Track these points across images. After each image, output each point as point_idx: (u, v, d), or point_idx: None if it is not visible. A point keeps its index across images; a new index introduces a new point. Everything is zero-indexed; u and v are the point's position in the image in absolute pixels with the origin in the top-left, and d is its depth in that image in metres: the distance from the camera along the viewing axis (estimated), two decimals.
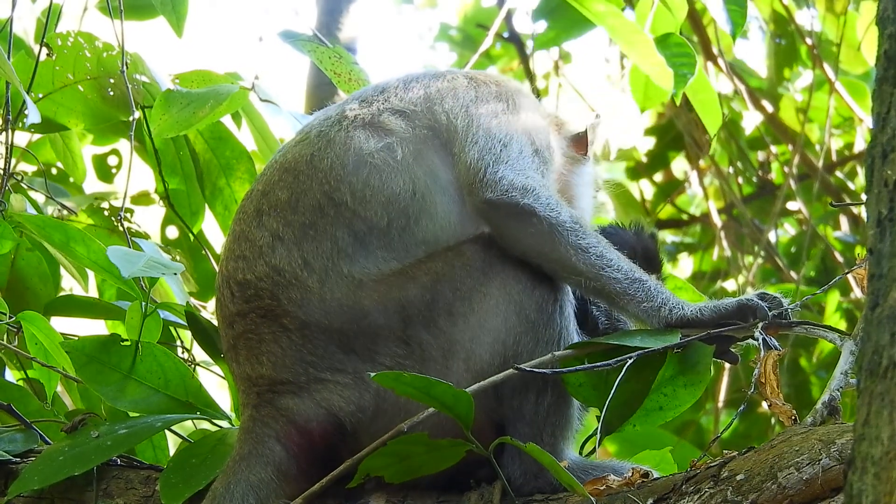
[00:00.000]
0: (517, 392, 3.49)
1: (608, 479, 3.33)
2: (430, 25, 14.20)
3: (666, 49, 5.31)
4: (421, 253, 3.56)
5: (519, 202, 3.53)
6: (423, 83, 3.81)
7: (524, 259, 3.54)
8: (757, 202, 9.76)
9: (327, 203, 3.56)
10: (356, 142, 3.63)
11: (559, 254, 3.51)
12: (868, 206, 2.30)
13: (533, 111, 3.95)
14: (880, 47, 2.35)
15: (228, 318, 3.61)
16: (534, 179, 3.60)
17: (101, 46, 4.88)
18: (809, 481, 3.06)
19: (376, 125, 3.67)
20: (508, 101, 3.85)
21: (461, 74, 3.92)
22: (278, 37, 5.02)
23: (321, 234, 3.53)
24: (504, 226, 3.55)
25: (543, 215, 3.52)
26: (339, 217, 3.54)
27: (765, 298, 3.50)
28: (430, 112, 3.72)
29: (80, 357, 3.94)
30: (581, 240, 3.52)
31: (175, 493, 3.62)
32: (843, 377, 3.32)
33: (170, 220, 5.76)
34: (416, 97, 3.76)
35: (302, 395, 3.48)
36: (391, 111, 3.70)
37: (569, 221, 3.53)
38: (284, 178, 3.63)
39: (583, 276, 3.51)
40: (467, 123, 3.70)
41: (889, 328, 2.16)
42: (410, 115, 3.71)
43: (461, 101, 3.76)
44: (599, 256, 3.51)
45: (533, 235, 3.52)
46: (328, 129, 3.69)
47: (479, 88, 3.84)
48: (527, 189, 3.55)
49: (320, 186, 3.58)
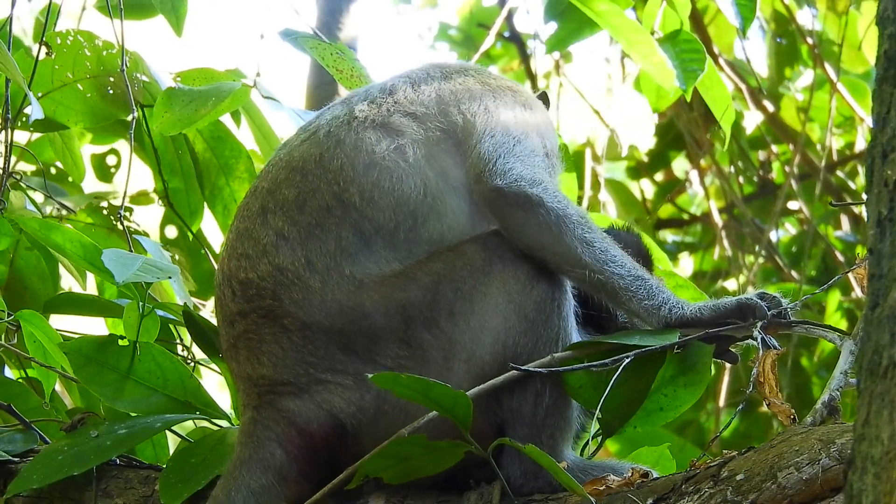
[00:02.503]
0: (515, 393, 3.49)
1: (608, 479, 3.32)
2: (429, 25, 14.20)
3: (675, 46, 5.31)
4: (424, 253, 3.56)
5: (527, 191, 3.54)
6: (433, 85, 3.82)
7: (529, 251, 3.54)
8: (758, 202, 9.77)
9: (336, 204, 3.55)
10: (367, 143, 3.62)
11: (564, 246, 3.51)
12: (868, 205, 2.30)
13: (544, 115, 4.01)
14: (880, 47, 2.35)
15: (229, 316, 3.60)
16: (542, 175, 3.62)
17: (100, 45, 4.88)
18: (809, 481, 3.06)
19: (387, 126, 3.67)
20: (524, 104, 3.90)
21: (471, 76, 3.92)
22: (279, 35, 5.01)
23: (327, 233, 3.52)
24: (511, 215, 3.56)
25: (551, 206, 3.53)
26: (347, 217, 3.54)
27: (764, 298, 3.50)
28: (444, 114, 3.74)
29: (79, 357, 3.94)
30: (587, 234, 3.52)
31: (174, 493, 3.62)
32: (843, 377, 3.32)
33: (169, 220, 5.75)
34: (427, 99, 3.76)
35: (302, 396, 3.47)
36: (401, 113, 3.70)
37: (575, 215, 3.55)
38: (292, 177, 3.62)
39: (587, 269, 3.51)
40: (486, 120, 3.73)
41: (889, 328, 2.15)
42: (421, 117, 3.71)
43: (480, 103, 3.79)
44: (604, 251, 3.52)
45: (539, 226, 3.52)
46: (337, 130, 3.67)
47: (495, 92, 3.87)
48: (535, 181, 3.57)
49: (329, 187, 3.57)
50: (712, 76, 5.35)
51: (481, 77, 3.94)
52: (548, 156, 3.80)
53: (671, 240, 10.35)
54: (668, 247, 9.72)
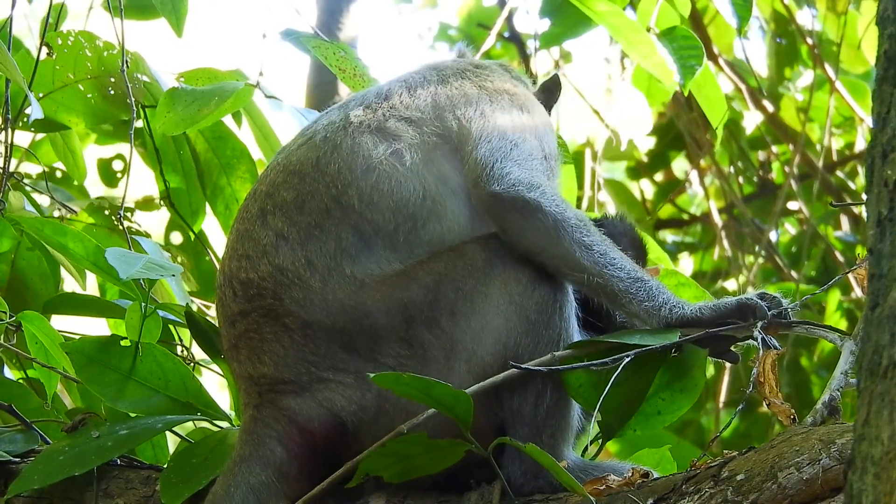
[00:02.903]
0: (516, 393, 3.49)
1: (608, 479, 3.33)
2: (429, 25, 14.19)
3: (672, 41, 5.30)
4: (424, 254, 3.57)
5: (525, 196, 3.54)
6: (429, 90, 3.82)
7: (527, 255, 3.55)
8: (757, 202, 9.76)
9: (335, 206, 3.56)
10: (364, 147, 3.63)
11: (563, 250, 3.52)
12: (868, 206, 2.30)
13: (542, 117, 4.00)
14: (880, 47, 2.35)
15: (230, 317, 3.61)
16: (540, 179, 3.62)
17: (101, 46, 4.88)
18: (809, 481, 3.06)
19: (383, 131, 3.68)
20: (522, 107, 3.89)
21: (468, 79, 3.91)
22: (280, 35, 5.02)
23: (326, 234, 3.53)
24: (509, 220, 3.56)
25: (549, 210, 3.53)
26: (346, 219, 3.55)
27: (764, 298, 3.50)
28: (440, 119, 3.74)
29: (80, 358, 3.94)
30: (585, 237, 3.53)
31: (175, 493, 3.62)
32: (844, 377, 3.32)
33: (174, 225, 5.75)
34: (423, 104, 3.76)
35: (304, 394, 3.48)
36: (397, 118, 3.71)
37: (573, 218, 3.55)
38: (290, 180, 3.64)
39: (586, 272, 3.51)
40: (482, 125, 3.73)
41: (889, 328, 2.16)
42: (418, 122, 3.71)
43: (476, 107, 3.79)
44: (603, 254, 3.52)
45: (538, 230, 3.53)
46: (333, 135, 3.68)
47: (492, 96, 3.86)
48: (533, 185, 3.56)
49: (327, 189, 3.58)
50: (706, 75, 5.34)
51: (478, 80, 3.93)
52: (546, 158, 3.79)
53: (671, 240, 10.35)
54: (668, 247, 9.71)
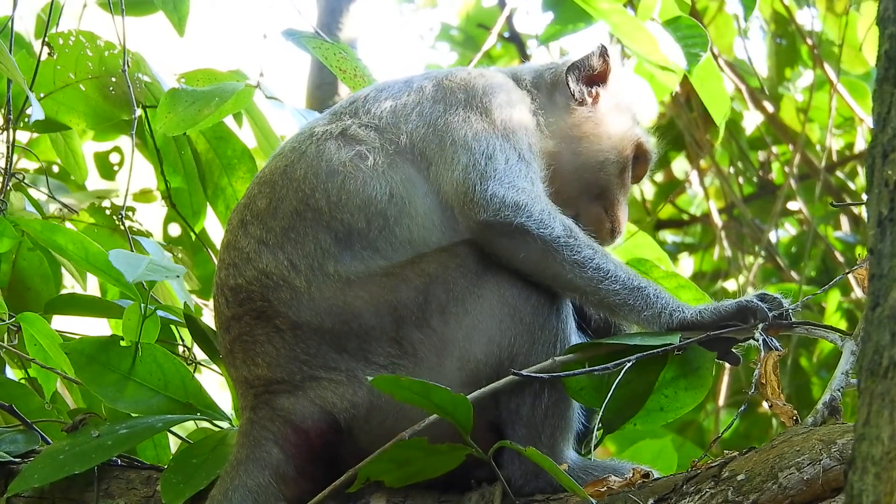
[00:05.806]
0: (513, 394, 3.49)
1: (609, 480, 3.33)
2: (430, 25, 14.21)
3: (676, 30, 5.29)
4: (408, 252, 3.58)
5: (512, 222, 3.52)
6: (392, 96, 3.82)
7: (521, 273, 3.54)
8: (758, 202, 9.76)
9: (304, 208, 3.62)
10: (327, 152, 3.68)
11: (555, 270, 3.52)
12: (868, 206, 2.30)
13: (507, 107, 3.85)
14: (881, 47, 2.35)
15: (225, 322, 3.67)
16: (524, 192, 3.58)
17: (102, 45, 4.89)
18: (810, 481, 3.06)
19: (345, 136, 3.72)
20: (479, 107, 3.79)
21: (430, 83, 3.87)
22: (281, 35, 5.02)
23: (302, 236, 3.59)
24: (498, 245, 3.55)
25: (537, 234, 3.51)
26: (318, 220, 3.59)
27: (765, 299, 3.50)
28: (396, 128, 3.74)
29: (80, 358, 3.95)
30: (576, 255, 3.51)
31: (176, 493, 3.62)
32: (844, 377, 3.32)
33: (172, 218, 5.76)
34: (383, 111, 3.78)
35: (297, 393, 3.51)
36: (359, 125, 3.75)
37: (563, 237, 3.53)
38: (263, 190, 3.72)
39: (579, 290, 3.51)
40: (439, 143, 3.68)
41: (889, 328, 2.16)
42: (379, 129, 3.74)
43: (427, 119, 3.74)
44: (596, 269, 3.50)
45: (528, 254, 3.52)
46: (300, 144, 3.76)
47: (447, 100, 3.80)
48: (518, 206, 3.53)
49: (295, 194, 3.64)
50: (709, 69, 5.33)
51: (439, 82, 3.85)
52: (521, 157, 3.71)
53: (671, 240, 10.35)
54: (668, 247, 9.72)
